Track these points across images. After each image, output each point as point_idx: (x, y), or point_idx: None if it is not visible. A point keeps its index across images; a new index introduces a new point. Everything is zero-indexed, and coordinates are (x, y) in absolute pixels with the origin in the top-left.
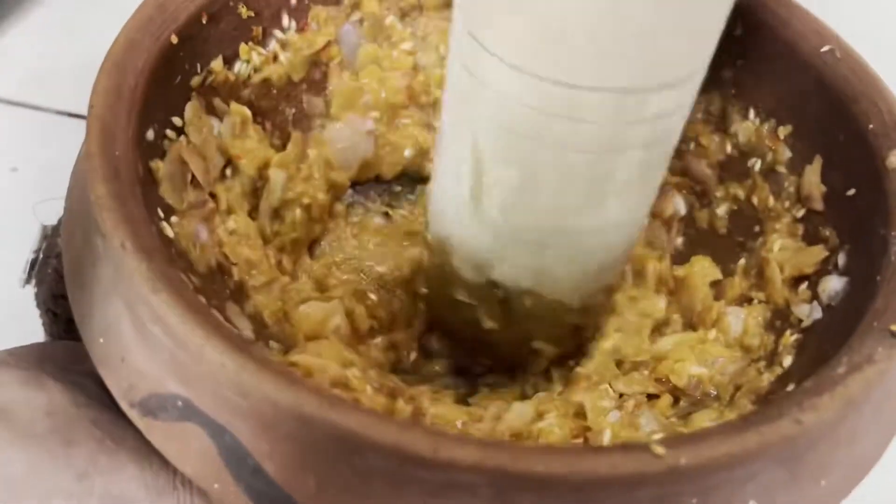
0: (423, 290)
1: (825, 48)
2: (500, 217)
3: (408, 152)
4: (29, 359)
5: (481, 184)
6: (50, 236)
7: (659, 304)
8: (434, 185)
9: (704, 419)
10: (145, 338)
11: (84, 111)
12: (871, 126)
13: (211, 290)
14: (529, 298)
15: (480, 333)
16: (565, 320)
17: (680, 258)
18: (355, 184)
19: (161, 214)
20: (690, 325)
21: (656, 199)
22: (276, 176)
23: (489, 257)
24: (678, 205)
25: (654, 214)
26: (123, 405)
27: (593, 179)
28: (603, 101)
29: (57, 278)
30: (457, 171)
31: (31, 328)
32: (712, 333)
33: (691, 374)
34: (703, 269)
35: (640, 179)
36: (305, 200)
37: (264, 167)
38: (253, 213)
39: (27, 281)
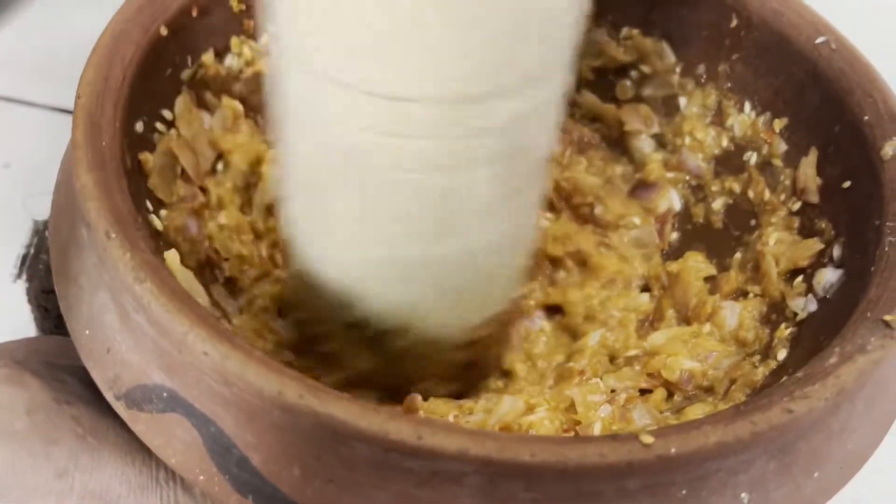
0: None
1: (820, 39)
2: (350, 250)
3: None
4: (15, 355)
5: (325, 213)
6: (41, 231)
7: (641, 299)
8: (283, 212)
9: (698, 412)
10: (130, 328)
11: None
12: (866, 117)
13: (201, 281)
14: (401, 337)
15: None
16: (450, 358)
17: (675, 254)
18: None
19: (150, 207)
20: (685, 320)
21: (651, 196)
22: (270, 173)
23: (349, 294)
24: (673, 200)
25: (648, 211)
26: (109, 397)
27: (441, 202)
28: (436, 114)
29: (48, 273)
30: (294, 198)
31: (22, 322)
32: (707, 328)
33: (683, 369)
34: (696, 265)
35: (503, 198)
36: None
37: (256, 162)
38: (245, 207)
39: (18, 276)
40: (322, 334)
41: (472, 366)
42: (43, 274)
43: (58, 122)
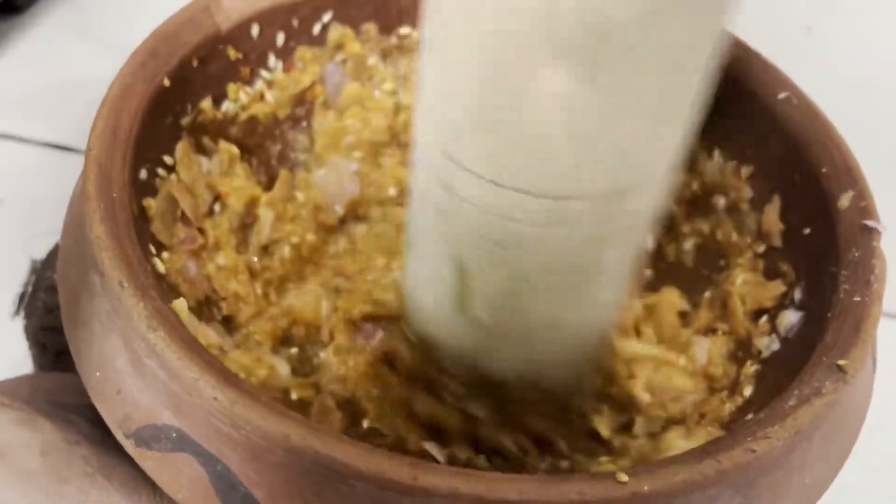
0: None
1: (782, 95)
2: (488, 319)
3: (392, 190)
4: (20, 394)
5: (466, 290)
6: (39, 271)
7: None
8: (409, 285)
9: (673, 439)
10: (141, 372)
11: (69, 143)
12: (824, 169)
13: (199, 319)
14: (521, 387)
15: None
16: (555, 400)
17: (649, 290)
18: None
19: (153, 251)
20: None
21: None
22: (265, 215)
23: (477, 355)
24: (646, 240)
25: None
26: (118, 435)
27: (577, 279)
28: (584, 207)
29: (46, 311)
30: (436, 277)
31: (18, 358)
32: (682, 360)
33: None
34: (671, 298)
35: (621, 269)
36: (294, 239)
37: (251, 203)
38: (240, 247)
39: (16, 313)
40: (437, 385)
41: (566, 406)
42: (41, 312)
43: (51, 158)
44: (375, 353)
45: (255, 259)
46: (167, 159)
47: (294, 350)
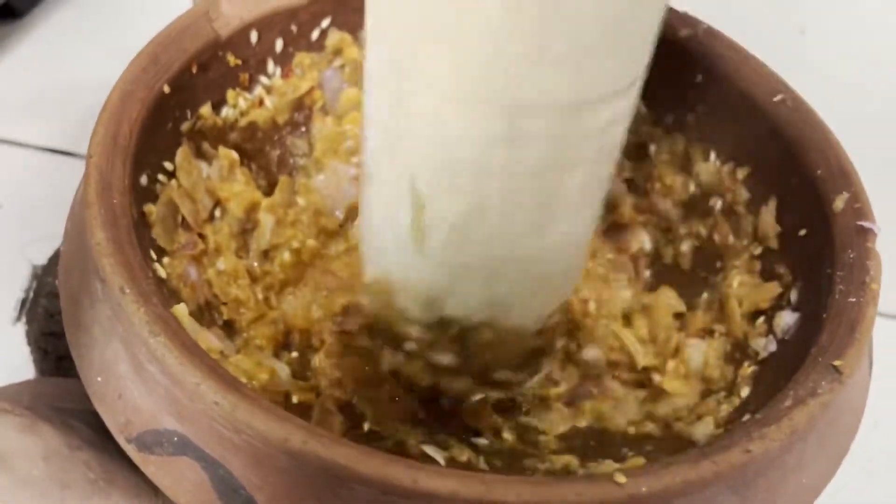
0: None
1: (778, 97)
2: (446, 252)
3: None
4: (22, 399)
5: (422, 221)
6: (40, 276)
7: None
8: (365, 225)
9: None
10: (142, 377)
11: (68, 147)
12: (819, 171)
13: (200, 324)
14: (487, 330)
15: (433, 376)
16: (525, 345)
17: (650, 290)
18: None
19: (154, 256)
20: (655, 354)
21: (623, 237)
22: (266, 220)
23: (438, 293)
24: (644, 241)
25: (621, 250)
26: (120, 440)
27: (542, 202)
28: (548, 120)
29: (47, 316)
30: (393, 211)
31: (19, 363)
32: (671, 364)
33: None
34: (667, 300)
35: (588, 195)
36: (294, 244)
37: (251, 209)
38: (240, 251)
39: (18, 319)
40: (399, 335)
41: (539, 352)
42: (42, 317)
43: (49, 162)
44: (334, 309)
45: (256, 264)
46: (167, 165)
47: (294, 354)
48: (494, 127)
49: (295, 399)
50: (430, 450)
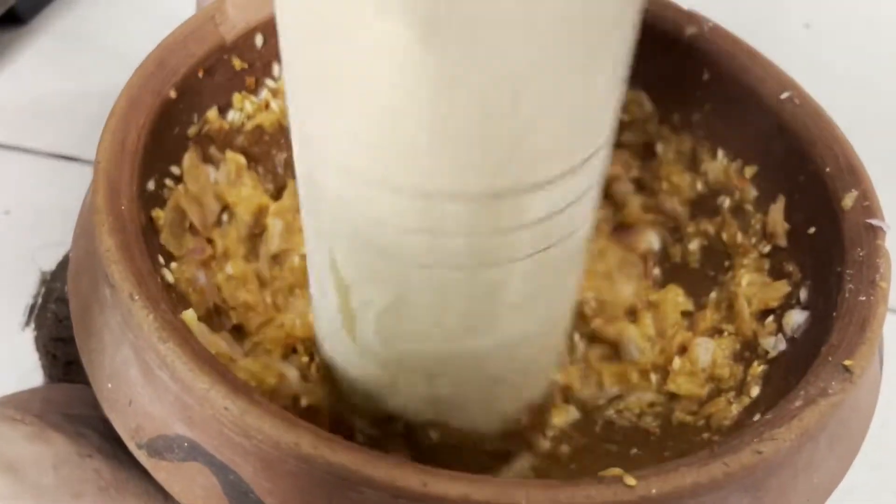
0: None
1: (784, 94)
2: (379, 343)
3: None
4: (31, 407)
5: (349, 305)
6: (48, 282)
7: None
8: (312, 303)
9: None
10: (153, 383)
11: (74, 153)
12: (827, 169)
13: (209, 328)
14: (435, 431)
15: None
16: (484, 448)
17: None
18: None
19: (162, 261)
20: (661, 350)
21: (631, 237)
22: (274, 225)
23: (379, 387)
24: (652, 241)
25: (630, 249)
26: (131, 446)
27: (475, 297)
28: (468, 211)
29: (56, 322)
30: (323, 287)
31: (28, 368)
32: (676, 363)
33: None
34: (675, 297)
35: (544, 288)
36: (304, 250)
37: (259, 213)
38: (249, 256)
39: (27, 324)
40: (357, 425)
41: (501, 456)
42: (51, 323)
43: (56, 168)
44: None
45: (265, 268)
46: (175, 170)
47: (305, 358)
48: (405, 213)
49: (304, 402)
50: None
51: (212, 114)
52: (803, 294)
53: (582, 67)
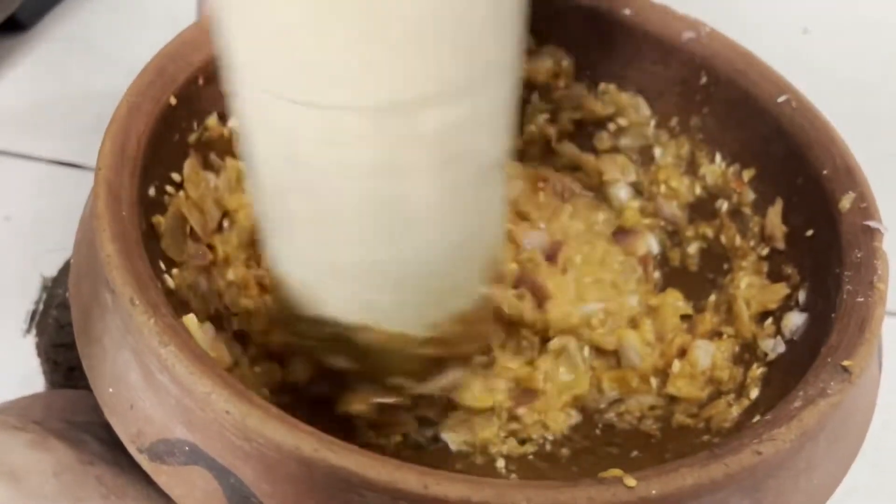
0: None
1: (781, 98)
2: (307, 251)
3: None
4: (33, 414)
5: (279, 217)
6: (50, 288)
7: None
8: (257, 212)
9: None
10: (153, 387)
11: (75, 159)
12: (825, 171)
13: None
14: (367, 333)
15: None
16: (416, 353)
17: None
18: None
19: (163, 267)
20: (660, 354)
21: (630, 240)
22: None
23: (311, 293)
24: (651, 244)
25: (629, 252)
26: (132, 450)
27: (384, 208)
28: (366, 122)
29: (57, 328)
30: (260, 203)
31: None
32: (676, 366)
33: None
34: (674, 301)
35: (452, 203)
36: None
37: None
38: (250, 261)
39: (28, 331)
40: (300, 330)
41: (439, 361)
42: (52, 329)
43: (57, 175)
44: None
45: (266, 275)
46: (175, 176)
47: None
48: (310, 125)
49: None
50: None
51: (212, 121)
52: (802, 296)
53: (452, 3)
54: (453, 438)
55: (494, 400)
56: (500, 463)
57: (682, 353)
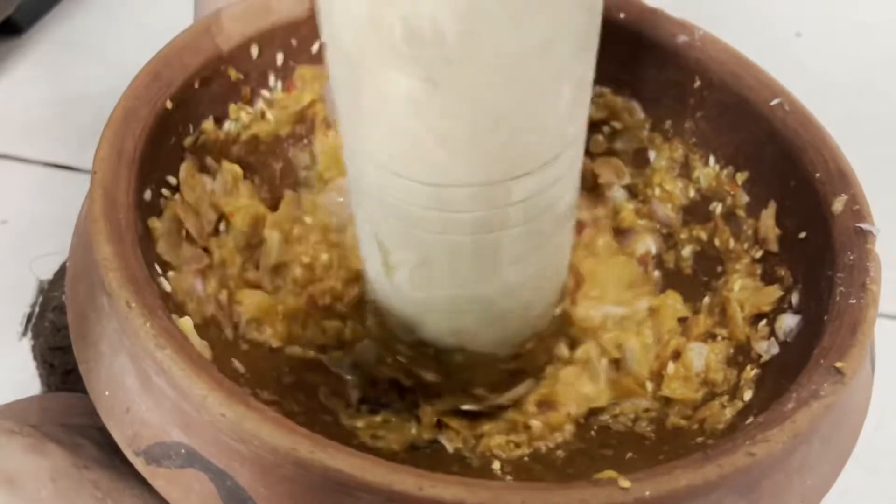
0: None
1: (775, 101)
2: (411, 288)
3: None
4: (29, 417)
5: (388, 262)
6: (45, 291)
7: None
8: (361, 251)
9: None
10: (150, 390)
11: (71, 162)
12: (817, 174)
13: (206, 338)
14: (459, 354)
15: (422, 384)
16: (499, 369)
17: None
18: None
19: (159, 270)
20: (655, 356)
21: (627, 241)
22: (272, 237)
23: (411, 320)
24: (649, 244)
25: (627, 253)
26: (128, 453)
27: (481, 256)
28: (469, 195)
29: (54, 331)
30: (369, 249)
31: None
32: (671, 368)
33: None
34: (673, 303)
35: (535, 247)
36: (305, 259)
37: (256, 223)
38: (246, 265)
39: (24, 334)
40: (398, 349)
41: (517, 374)
42: (49, 332)
43: (52, 178)
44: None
45: (267, 281)
46: (171, 180)
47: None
48: (424, 197)
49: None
50: None
51: (208, 124)
52: (795, 298)
53: (540, 102)
54: (450, 440)
55: (522, 416)
56: (496, 465)
57: (677, 355)
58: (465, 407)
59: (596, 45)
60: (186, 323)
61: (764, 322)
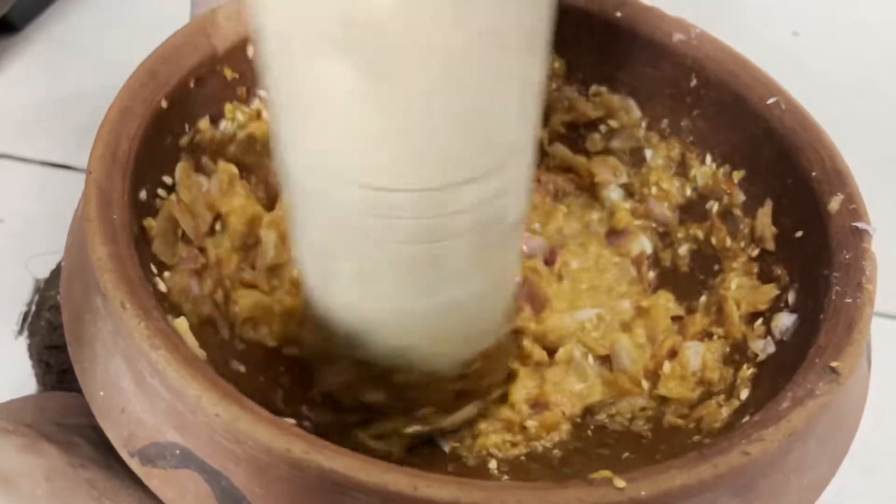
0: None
1: (771, 100)
2: (351, 302)
3: None
4: (24, 417)
5: (324, 274)
6: (42, 290)
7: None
8: (298, 263)
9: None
10: (145, 390)
11: (67, 161)
12: (814, 173)
13: (202, 338)
14: (401, 374)
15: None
16: (447, 389)
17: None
18: None
19: (154, 270)
20: (651, 356)
21: (623, 241)
22: (268, 237)
23: (352, 338)
24: (644, 244)
25: (622, 254)
26: (123, 454)
27: (423, 267)
28: (409, 200)
29: (50, 330)
30: (306, 258)
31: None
32: (667, 367)
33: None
34: (665, 303)
35: (478, 260)
36: None
37: (252, 222)
38: (242, 265)
39: (20, 332)
40: (335, 370)
41: (465, 394)
42: (45, 331)
43: (49, 177)
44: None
45: (263, 281)
46: (167, 179)
47: None
48: (362, 201)
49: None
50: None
51: (203, 124)
52: (791, 297)
53: (485, 103)
54: (446, 440)
55: (515, 416)
56: (493, 464)
57: (673, 354)
58: (409, 430)
59: (545, 50)
60: (182, 324)
61: (760, 321)
